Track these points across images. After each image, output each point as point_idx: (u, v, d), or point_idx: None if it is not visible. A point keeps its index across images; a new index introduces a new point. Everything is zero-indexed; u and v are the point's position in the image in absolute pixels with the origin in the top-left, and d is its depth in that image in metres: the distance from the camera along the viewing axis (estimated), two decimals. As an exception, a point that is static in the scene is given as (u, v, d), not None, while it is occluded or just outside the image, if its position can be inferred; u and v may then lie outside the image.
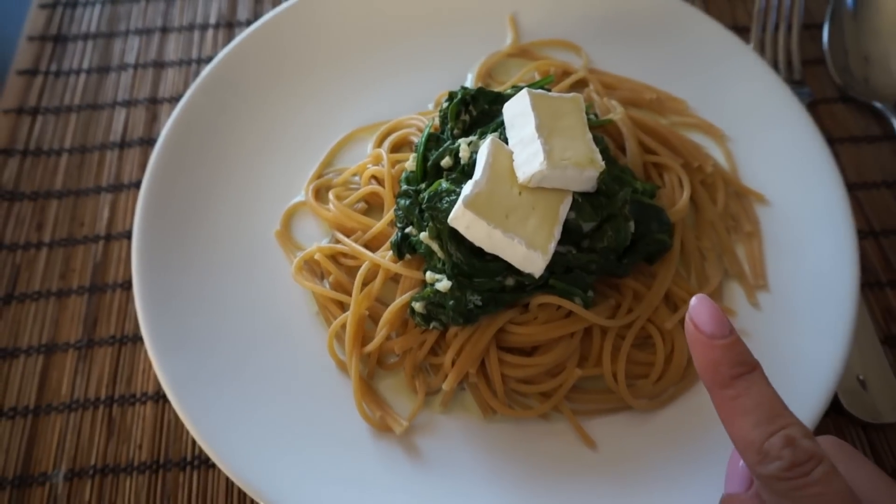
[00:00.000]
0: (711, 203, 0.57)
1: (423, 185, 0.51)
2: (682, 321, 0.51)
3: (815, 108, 0.67)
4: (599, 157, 0.47)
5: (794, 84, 0.67)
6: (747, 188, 0.58)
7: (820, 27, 0.70)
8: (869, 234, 0.61)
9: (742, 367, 0.33)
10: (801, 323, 0.51)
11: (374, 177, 0.56)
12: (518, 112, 0.49)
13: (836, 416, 0.53)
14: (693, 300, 0.34)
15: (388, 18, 0.65)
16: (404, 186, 0.52)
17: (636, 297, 0.52)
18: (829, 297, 0.51)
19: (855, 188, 0.63)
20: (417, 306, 0.48)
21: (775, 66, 0.67)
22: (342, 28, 0.65)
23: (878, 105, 0.65)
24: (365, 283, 0.51)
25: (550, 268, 0.47)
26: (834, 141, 0.65)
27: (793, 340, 0.50)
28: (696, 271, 0.54)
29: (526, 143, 0.47)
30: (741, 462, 0.36)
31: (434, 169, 0.52)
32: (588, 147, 0.47)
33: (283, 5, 0.64)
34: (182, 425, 0.52)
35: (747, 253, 0.55)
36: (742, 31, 0.70)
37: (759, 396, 0.32)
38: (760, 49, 0.68)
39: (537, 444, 0.48)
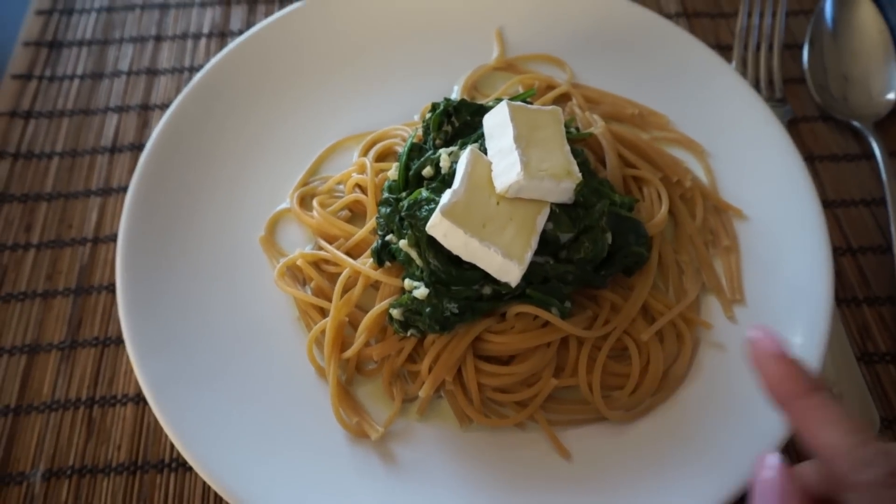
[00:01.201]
0: (690, 217, 0.58)
1: (404, 194, 0.52)
2: (658, 334, 0.52)
3: (795, 125, 0.68)
4: (576, 168, 0.48)
5: (776, 102, 0.68)
6: (726, 203, 0.58)
7: (801, 47, 0.71)
8: (847, 251, 0.62)
9: (817, 381, 0.34)
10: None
11: (357, 185, 0.57)
12: (497, 123, 0.50)
13: (809, 430, 0.53)
14: (750, 331, 0.36)
15: (378, 31, 0.67)
16: (386, 195, 0.53)
17: (613, 309, 0.52)
18: (804, 312, 0.52)
19: (834, 205, 0.64)
20: (395, 313, 0.49)
21: (757, 84, 0.68)
22: (332, 39, 0.66)
23: (856, 124, 0.66)
24: (345, 290, 0.52)
25: (527, 277, 0.48)
26: (814, 158, 0.66)
27: (767, 354, 0.51)
28: (674, 284, 0.55)
29: (504, 153, 0.47)
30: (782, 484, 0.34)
31: (416, 178, 0.53)
32: (565, 159, 0.48)
33: (274, 16, 0.65)
34: (161, 427, 0.52)
35: (725, 267, 0.56)
36: (725, 49, 0.71)
37: (841, 410, 0.33)
38: (742, 67, 0.69)
39: (512, 453, 0.49)
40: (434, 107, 0.55)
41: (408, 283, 0.49)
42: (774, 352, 0.35)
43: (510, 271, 0.46)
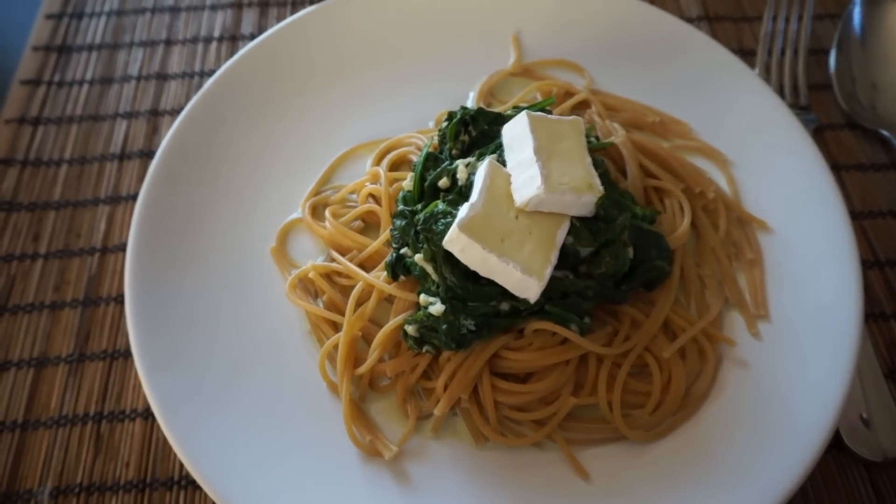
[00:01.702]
0: (713, 229, 0.56)
1: (419, 206, 0.50)
2: (679, 350, 0.50)
3: (821, 134, 0.66)
4: (598, 181, 0.46)
5: (800, 110, 0.66)
6: (750, 215, 0.57)
7: (827, 53, 0.69)
8: (874, 264, 0.60)
9: None
10: (802, 355, 0.50)
11: (371, 195, 0.56)
12: (517, 134, 0.48)
13: (837, 453, 0.51)
14: None
15: (392, 35, 0.65)
16: (401, 206, 0.52)
17: (634, 325, 0.51)
18: (831, 329, 0.50)
19: (860, 217, 0.62)
20: (410, 329, 0.48)
21: (781, 91, 0.67)
22: (345, 44, 0.65)
23: (885, 133, 0.64)
24: (359, 304, 0.51)
25: (546, 293, 0.47)
26: (840, 168, 0.65)
27: (793, 373, 0.49)
28: (696, 299, 0.53)
29: (524, 166, 0.46)
30: None
31: (431, 189, 0.51)
32: (587, 171, 0.47)
33: (286, 21, 0.64)
34: (170, 444, 0.51)
35: (748, 281, 0.54)
36: (748, 55, 0.69)
37: None
38: (766, 74, 0.67)
39: (529, 473, 0.47)
40: (451, 116, 0.53)
41: (423, 298, 0.48)
42: None
43: (529, 287, 0.45)
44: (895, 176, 0.64)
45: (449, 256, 0.46)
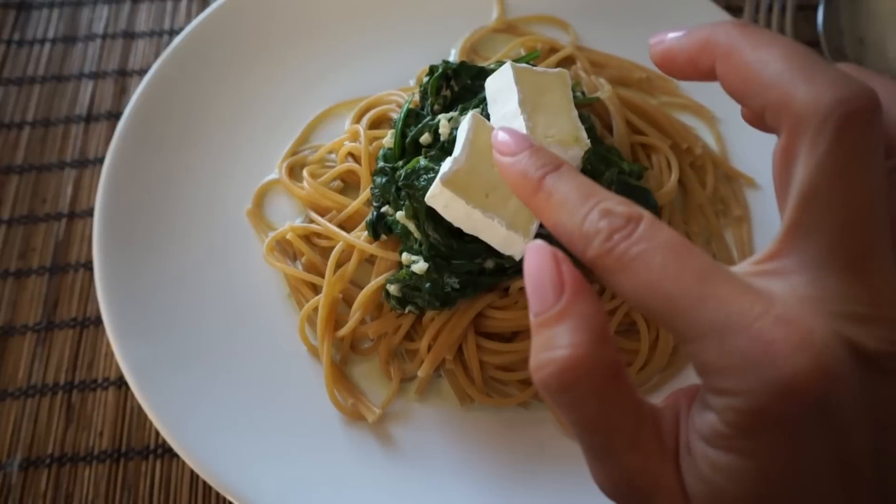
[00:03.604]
0: (700, 186, 0.55)
1: (400, 163, 0.49)
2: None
3: (807, 91, 0.65)
4: (585, 135, 0.45)
5: (788, 66, 0.65)
6: (737, 171, 0.56)
7: (815, 8, 0.68)
8: (860, 221, 0.60)
9: (547, 166, 0.31)
10: (790, 311, 0.50)
11: (350, 154, 0.54)
12: (501, 87, 0.46)
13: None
14: (494, 135, 0.34)
15: (370, -10, 0.63)
16: (381, 164, 0.50)
17: (621, 283, 0.50)
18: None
19: (847, 174, 0.61)
20: (392, 289, 0.46)
21: (768, 47, 0.65)
22: (322, -1, 0.62)
23: (872, 89, 0.64)
24: (339, 265, 0.49)
25: (532, 250, 0.45)
26: (826, 125, 0.64)
27: (781, 329, 0.49)
28: (684, 257, 0.53)
29: (508, 118, 0.44)
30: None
31: (413, 146, 0.50)
32: (573, 125, 0.45)
33: (259, -26, 0.61)
34: (146, 412, 0.49)
35: (736, 238, 0.54)
36: (735, 11, 0.68)
37: (569, 185, 0.29)
38: (753, 29, 0.66)
39: (516, 433, 0.47)
40: (432, 70, 0.51)
41: (405, 257, 0.46)
42: (509, 151, 0.33)
43: (515, 244, 0.44)
44: (882, 133, 0.63)
45: (432, 213, 0.45)
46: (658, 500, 0.26)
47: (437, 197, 0.43)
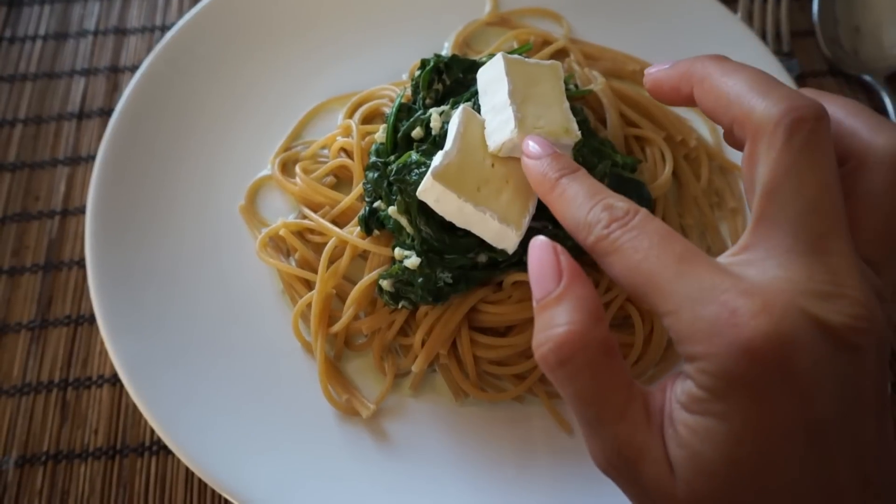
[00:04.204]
0: (694, 178, 0.55)
1: (392, 158, 0.48)
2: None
3: (803, 81, 0.65)
4: (576, 126, 0.44)
5: (783, 56, 0.64)
6: (732, 163, 0.56)
7: (810, -2, 0.68)
8: (856, 211, 0.59)
9: (565, 169, 0.36)
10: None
11: (343, 149, 0.54)
12: (492, 78, 0.46)
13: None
14: (525, 142, 0.39)
15: (363, -16, 0.62)
16: (373, 159, 0.50)
17: (615, 276, 0.50)
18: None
19: (843, 164, 0.61)
20: (385, 284, 0.46)
21: (763, 37, 0.65)
22: (314, -7, 0.62)
23: (867, 78, 0.63)
24: (332, 261, 0.49)
25: (525, 244, 0.45)
26: (822, 116, 0.63)
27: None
28: (678, 249, 0.52)
29: (498, 110, 0.44)
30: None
31: (405, 140, 0.49)
32: (564, 116, 0.45)
33: (249, -32, 0.61)
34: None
35: (731, 230, 0.53)
36: (730, 1, 0.67)
37: (580, 185, 0.34)
38: (748, 19, 0.66)
39: (511, 428, 0.47)
40: (423, 64, 0.51)
41: (398, 252, 0.46)
42: (534, 156, 0.38)
43: (507, 238, 0.43)
44: (878, 123, 0.63)
45: (424, 207, 0.44)
46: (644, 468, 0.29)
47: (429, 191, 0.43)
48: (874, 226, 0.30)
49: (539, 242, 0.33)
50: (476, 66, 0.51)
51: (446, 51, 0.60)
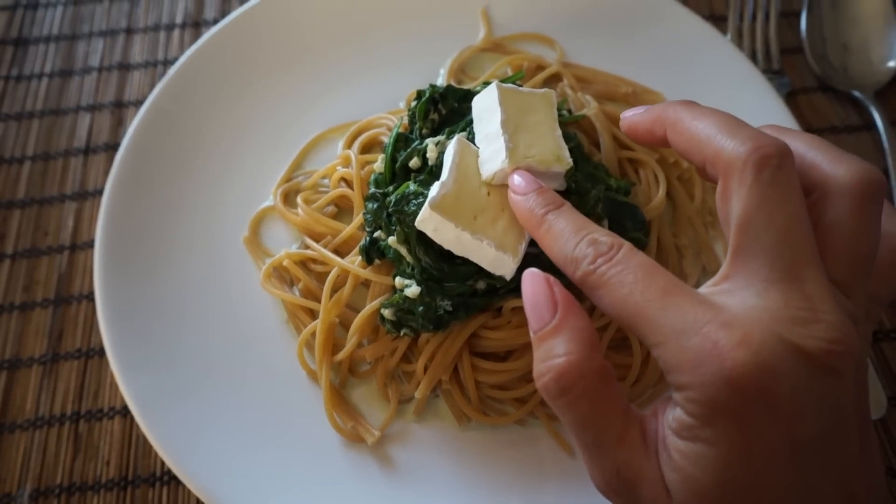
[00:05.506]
0: (688, 199, 0.56)
1: (391, 188, 0.50)
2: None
3: (794, 97, 0.66)
4: (567, 154, 0.45)
5: (773, 74, 0.65)
6: (725, 182, 0.56)
7: (798, 15, 0.69)
8: (850, 225, 0.60)
9: (550, 205, 0.38)
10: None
11: (343, 179, 0.55)
12: (486, 107, 0.47)
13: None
14: (511, 177, 0.41)
15: (358, 15, 0.64)
16: (372, 189, 0.51)
17: (612, 298, 0.50)
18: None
19: (835, 179, 0.62)
20: (387, 313, 0.47)
21: (753, 56, 0.66)
22: (311, 26, 0.63)
23: (857, 94, 0.64)
24: (335, 290, 0.50)
25: (522, 270, 0.46)
26: (814, 131, 0.64)
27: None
28: (674, 269, 0.53)
29: (491, 139, 0.45)
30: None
31: (402, 170, 0.51)
32: (555, 144, 0.46)
33: (249, 4, 0.62)
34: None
35: (725, 249, 0.54)
36: (719, 20, 0.69)
37: (566, 220, 0.36)
38: (738, 39, 0.67)
39: (514, 451, 0.47)
40: (419, 94, 0.52)
41: (398, 281, 0.47)
42: (520, 191, 0.40)
43: (504, 264, 0.44)
44: (868, 137, 0.64)
45: (422, 237, 0.46)
46: (643, 490, 0.30)
47: (427, 221, 0.44)
48: (842, 251, 0.31)
49: (531, 275, 0.34)
50: (471, 95, 0.52)
51: (442, 79, 0.61)
